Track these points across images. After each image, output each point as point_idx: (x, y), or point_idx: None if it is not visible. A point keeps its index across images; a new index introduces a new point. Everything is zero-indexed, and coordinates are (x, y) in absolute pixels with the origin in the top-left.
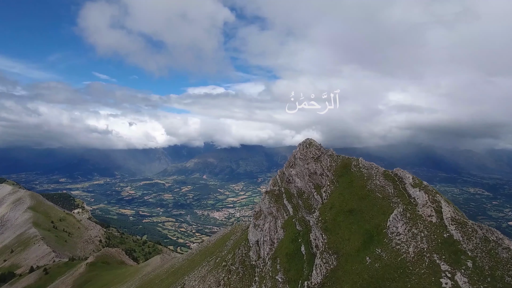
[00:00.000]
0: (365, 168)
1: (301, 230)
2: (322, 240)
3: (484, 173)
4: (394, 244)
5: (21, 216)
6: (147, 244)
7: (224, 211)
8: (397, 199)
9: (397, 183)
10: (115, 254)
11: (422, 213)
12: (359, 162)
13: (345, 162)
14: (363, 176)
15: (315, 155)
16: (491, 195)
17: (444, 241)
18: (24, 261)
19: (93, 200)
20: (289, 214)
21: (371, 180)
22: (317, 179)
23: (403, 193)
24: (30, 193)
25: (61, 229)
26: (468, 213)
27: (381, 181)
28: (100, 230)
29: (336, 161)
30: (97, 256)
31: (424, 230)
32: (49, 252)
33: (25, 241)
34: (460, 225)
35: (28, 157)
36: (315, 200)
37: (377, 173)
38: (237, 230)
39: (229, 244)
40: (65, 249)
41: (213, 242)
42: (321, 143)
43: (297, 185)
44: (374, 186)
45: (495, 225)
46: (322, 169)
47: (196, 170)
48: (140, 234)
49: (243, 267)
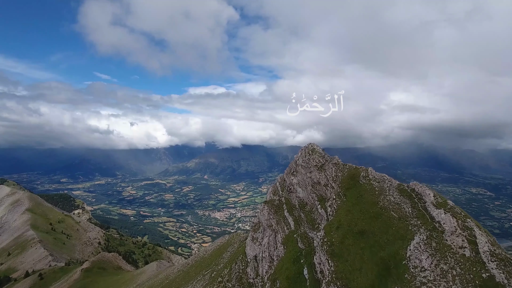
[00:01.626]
0: (376, 181)
1: (303, 249)
2: (328, 267)
3: (486, 173)
4: (419, 283)
5: (19, 218)
6: (146, 246)
7: (225, 211)
8: (416, 221)
9: (415, 200)
10: (111, 259)
11: (451, 243)
12: (368, 173)
13: (353, 173)
14: (374, 190)
15: (318, 163)
16: (494, 195)
17: (484, 283)
18: (21, 264)
19: (94, 200)
20: (290, 228)
21: (383, 196)
22: (321, 190)
23: (423, 214)
24: (28, 194)
25: (60, 231)
26: (471, 213)
27: (395, 197)
28: (99, 232)
29: (342, 171)
30: (93, 261)
31: (456, 266)
32: (45, 256)
33: (22, 243)
34: (503, 263)
35: (30, 157)
36: (319, 214)
37: (390, 187)
38: (234, 241)
39: (225, 257)
40: (63, 251)
41: (209, 253)
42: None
43: (298, 195)
44: (387, 203)
45: (497, 226)
46: (326, 179)
47: (197, 170)
48: (141, 234)
49: (240, 284)
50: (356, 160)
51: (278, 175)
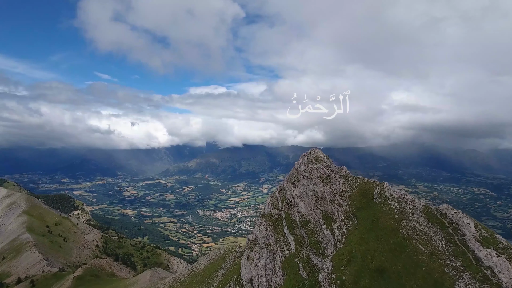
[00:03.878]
0: (395, 200)
1: (306, 279)
2: None
3: (488, 173)
4: None
5: (15, 220)
6: (145, 249)
7: (226, 211)
8: (455, 262)
9: (449, 230)
10: (105, 266)
11: None
12: (384, 189)
13: (364, 188)
14: (392, 213)
15: (323, 174)
16: (496, 195)
17: None
18: (15, 269)
19: (95, 200)
20: (291, 249)
21: (406, 221)
22: (326, 206)
23: (463, 252)
24: (25, 196)
25: (57, 234)
26: (473, 213)
27: (422, 223)
28: (97, 234)
29: (351, 184)
30: (86, 268)
31: None
32: (40, 260)
33: (18, 247)
34: None
35: (31, 157)
36: (324, 236)
37: (413, 209)
38: (229, 257)
39: (219, 275)
40: (59, 255)
41: (203, 267)
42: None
43: (300, 210)
44: (412, 232)
45: (500, 226)
46: (332, 194)
47: (198, 170)
48: (141, 235)
49: None
50: (358, 160)
51: (279, 175)
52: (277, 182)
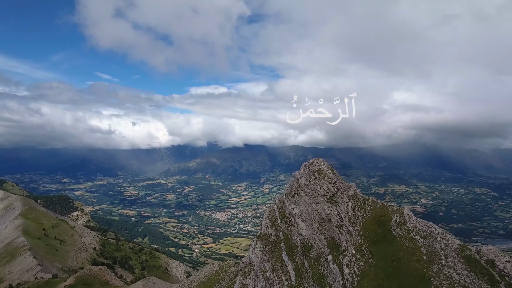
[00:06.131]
0: (420, 235)
1: None
2: None
3: (490, 173)
4: None
5: (11, 223)
6: (143, 252)
7: (226, 211)
8: None
9: (495, 277)
10: (99, 274)
11: None
12: (405, 217)
13: (379, 214)
14: (419, 253)
15: (328, 192)
16: (497, 195)
17: None
18: (8, 274)
19: (95, 200)
20: (290, 280)
21: (438, 266)
22: (331, 231)
23: None
24: (22, 198)
25: (53, 237)
26: (474, 213)
27: (461, 272)
28: (95, 237)
29: (363, 208)
30: (78, 276)
31: None
32: (34, 266)
33: (12, 251)
34: None
35: (32, 157)
36: (330, 269)
37: (446, 249)
38: (223, 276)
39: None
40: (54, 259)
41: (195, 285)
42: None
43: (301, 232)
44: (448, 284)
45: (501, 226)
46: (339, 218)
47: (198, 170)
48: (141, 235)
49: None
50: (359, 160)
51: (279, 175)
52: (278, 182)
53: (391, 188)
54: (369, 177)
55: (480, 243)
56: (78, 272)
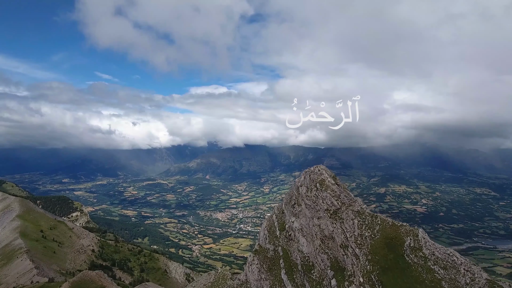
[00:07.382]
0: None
1: None
2: None
3: (490, 173)
4: None
5: (8, 225)
6: (142, 253)
7: (227, 212)
8: None
9: None
10: (95, 278)
11: None
12: (420, 241)
13: (390, 236)
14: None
15: (331, 206)
16: (498, 195)
17: None
18: (5, 278)
19: (95, 201)
20: None
21: None
22: (335, 250)
23: None
24: (20, 199)
25: (51, 239)
26: (475, 214)
27: None
28: (93, 239)
29: (371, 227)
30: (73, 281)
31: None
32: (30, 269)
33: (9, 254)
34: None
35: (32, 157)
36: None
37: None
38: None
39: None
40: (52, 262)
41: None
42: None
43: (301, 248)
44: None
45: (502, 227)
46: (344, 237)
47: (199, 170)
48: (141, 236)
49: None
50: (359, 160)
51: (280, 175)
52: (278, 182)
53: (392, 188)
54: (370, 177)
55: (481, 243)
56: (73, 277)
